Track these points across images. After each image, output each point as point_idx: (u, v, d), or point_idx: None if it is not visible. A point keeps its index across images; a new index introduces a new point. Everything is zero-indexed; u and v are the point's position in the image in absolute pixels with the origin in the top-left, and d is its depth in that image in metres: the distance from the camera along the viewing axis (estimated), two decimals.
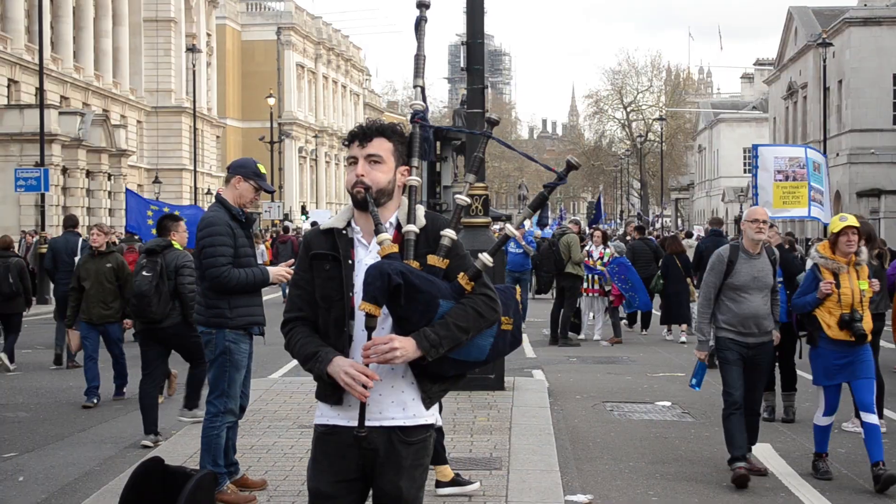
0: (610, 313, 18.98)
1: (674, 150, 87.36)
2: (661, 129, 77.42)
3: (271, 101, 58.49)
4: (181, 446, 8.96)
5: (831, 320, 8.25)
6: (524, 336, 19.21)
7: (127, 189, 22.73)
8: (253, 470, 8.00)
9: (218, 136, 73.13)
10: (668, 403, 12.06)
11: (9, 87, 46.28)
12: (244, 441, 9.10)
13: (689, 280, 18.35)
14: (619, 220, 61.65)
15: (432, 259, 3.80)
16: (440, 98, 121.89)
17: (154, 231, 20.35)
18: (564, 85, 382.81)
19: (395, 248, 3.77)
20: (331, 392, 3.84)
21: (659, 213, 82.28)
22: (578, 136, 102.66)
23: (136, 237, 19.84)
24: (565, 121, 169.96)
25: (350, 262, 3.86)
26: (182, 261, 9.81)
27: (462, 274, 3.79)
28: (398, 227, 3.89)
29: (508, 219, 57.04)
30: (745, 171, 75.70)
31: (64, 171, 44.20)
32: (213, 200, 7.58)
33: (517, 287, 4.14)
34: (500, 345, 3.90)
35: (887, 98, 45.84)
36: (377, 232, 3.80)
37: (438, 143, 13.47)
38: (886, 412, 11.16)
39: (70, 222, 17.13)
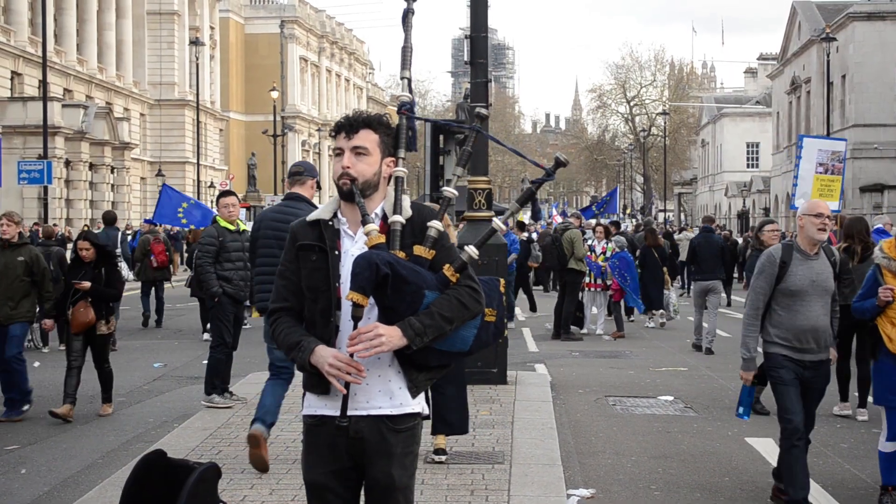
0: (612, 308, 19.00)
1: (677, 144, 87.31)
2: (665, 123, 77.37)
3: (274, 94, 58.44)
4: (184, 439, 8.96)
5: (893, 332, 7.10)
6: (527, 331, 19.24)
7: (164, 185, 24.32)
8: None
9: (221, 130, 73.19)
10: (670, 398, 12.05)
11: (12, 79, 46.30)
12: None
13: (664, 269, 20.04)
14: (621, 215, 61.55)
15: (418, 249, 3.84)
16: (443, 92, 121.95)
17: (184, 221, 22.33)
18: (568, 79, 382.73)
19: (382, 239, 3.81)
20: (317, 382, 3.88)
21: (662, 207, 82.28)
22: (582, 131, 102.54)
23: (158, 227, 21.22)
24: (568, 115, 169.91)
25: (336, 252, 3.89)
26: (201, 239, 10.92)
27: (447, 265, 3.83)
28: (384, 217, 3.92)
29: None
30: (748, 166, 75.66)
31: (67, 163, 44.22)
32: (286, 198, 8.20)
33: (501, 280, 4.17)
34: (483, 336, 3.93)
35: (890, 93, 45.80)
36: (364, 223, 3.83)
37: (442, 137, 13.50)
38: None
39: (109, 217, 18.41)
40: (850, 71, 46.78)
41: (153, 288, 20.20)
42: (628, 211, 75.20)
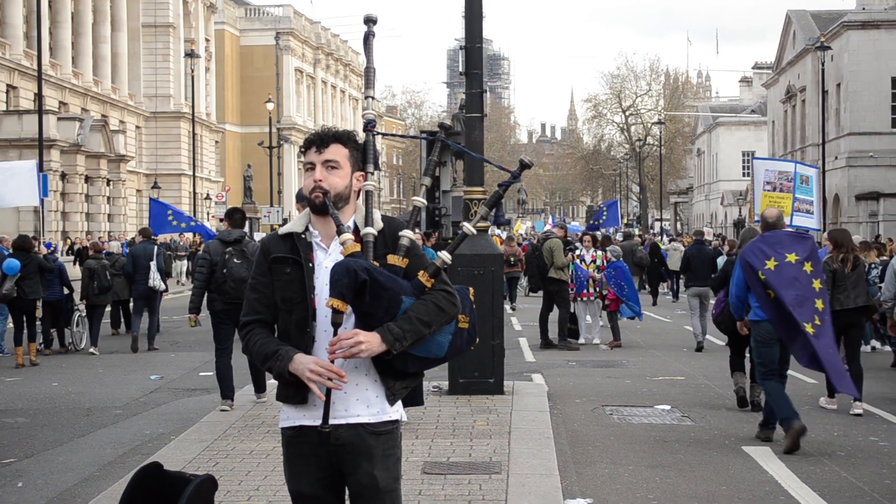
0: (609, 317, 19.01)
1: (673, 153, 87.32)
2: (660, 132, 77.42)
3: (270, 106, 58.40)
4: (180, 451, 8.95)
5: None
6: (523, 340, 19.25)
7: (151, 198, 25.65)
8: (252, 474, 8.02)
9: (217, 142, 73.18)
10: (667, 407, 12.06)
11: (7, 92, 46.31)
12: (244, 446, 9.12)
13: None
14: (618, 225, 61.55)
15: (392, 258, 3.93)
16: (439, 102, 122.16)
17: (174, 223, 23.63)
18: (563, 89, 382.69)
19: (359, 247, 3.88)
20: (294, 392, 3.92)
21: (658, 216, 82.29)
22: (577, 141, 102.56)
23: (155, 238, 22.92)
24: (564, 125, 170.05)
25: (310, 264, 3.96)
26: (253, 249, 11.07)
27: (422, 271, 3.91)
28: (355, 230, 3.99)
29: (508, 223, 57.03)
30: (744, 175, 75.75)
31: (63, 176, 44.23)
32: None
33: (471, 289, 4.23)
34: (457, 342, 4.02)
35: (885, 101, 45.86)
36: (339, 233, 3.90)
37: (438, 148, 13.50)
38: (886, 415, 11.34)
39: (146, 233, 20.04)
40: (845, 79, 46.86)
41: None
42: (625, 221, 75.18)
